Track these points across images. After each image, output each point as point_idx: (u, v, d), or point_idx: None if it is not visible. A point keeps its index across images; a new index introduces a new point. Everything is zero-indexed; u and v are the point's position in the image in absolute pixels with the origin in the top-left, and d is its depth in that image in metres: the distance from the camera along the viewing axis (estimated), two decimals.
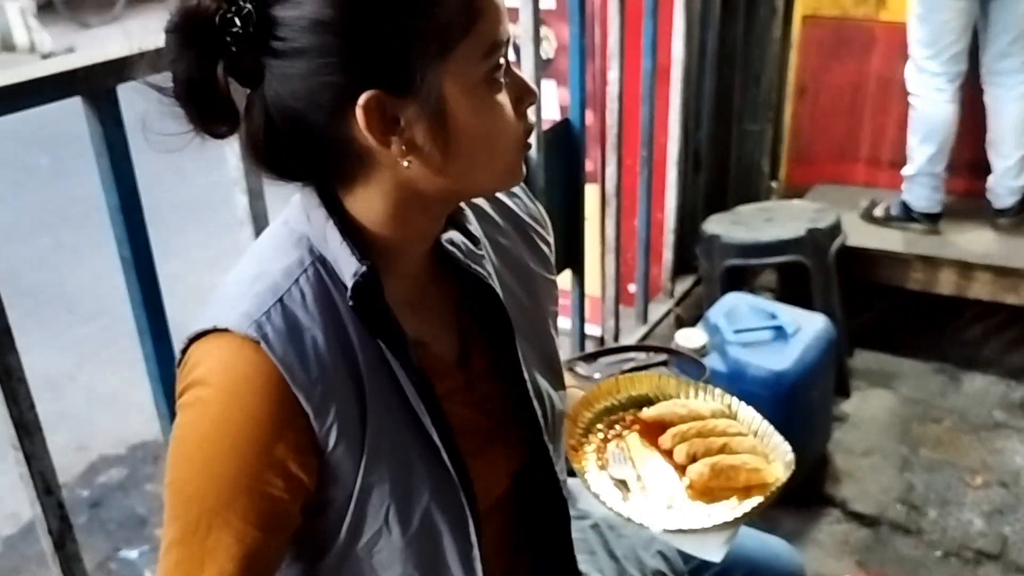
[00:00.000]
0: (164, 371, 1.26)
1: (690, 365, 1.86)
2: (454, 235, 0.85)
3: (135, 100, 0.75)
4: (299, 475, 0.76)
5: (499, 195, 0.96)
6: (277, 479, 0.75)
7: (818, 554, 2.16)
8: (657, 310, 2.75)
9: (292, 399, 0.74)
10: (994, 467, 2.42)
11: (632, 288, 2.70)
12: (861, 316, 2.97)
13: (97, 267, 3.11)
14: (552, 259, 1.01)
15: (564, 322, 2.24)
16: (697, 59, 2.70)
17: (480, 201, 0.94)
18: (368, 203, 0.78)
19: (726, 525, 0.85)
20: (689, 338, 2.13)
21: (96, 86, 1.10)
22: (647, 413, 0.96)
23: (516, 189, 0.98)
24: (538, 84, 1.88)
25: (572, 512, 1.10)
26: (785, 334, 2.22)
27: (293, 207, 0.83)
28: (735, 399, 1.00)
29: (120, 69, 1.11)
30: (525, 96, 0.78)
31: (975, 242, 2.85)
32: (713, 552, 0.86)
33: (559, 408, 0.96)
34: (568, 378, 1.11)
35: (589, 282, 2.37)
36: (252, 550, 0.75)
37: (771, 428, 0.96)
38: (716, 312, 2.35)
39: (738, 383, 2.17)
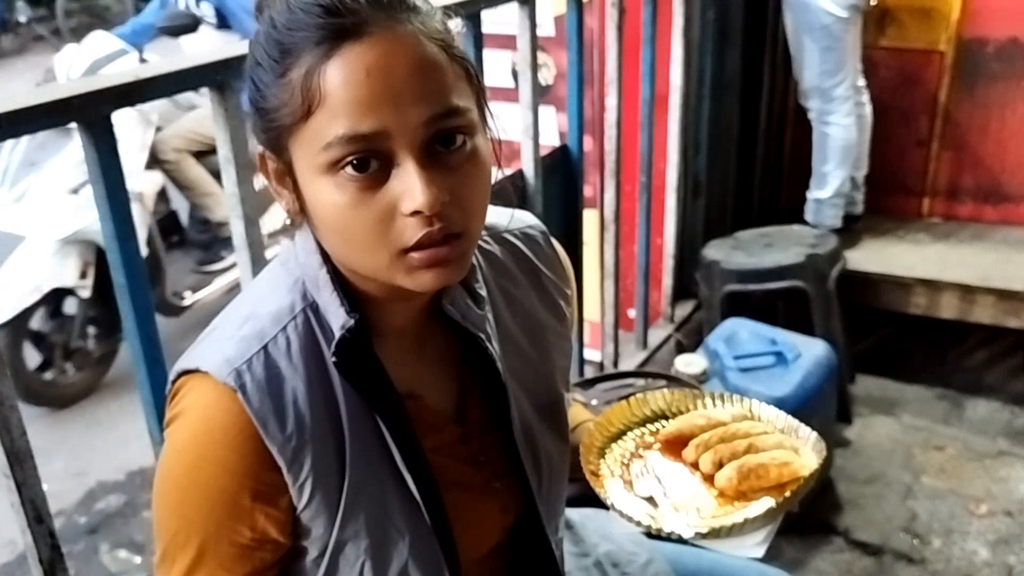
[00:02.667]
0: (158, 398, 1.25)
1: None
2: (458, 296, 0.83)
3: None
4: (268, 527, 0.77)
5: (516, 242, 0.93)
6: (245, 529, 0.76)
7: None
8: (657, 335, 2.74)
9: (264, 452, 0.74)
10: (999, 496, 2.39)
11: (632, 313, 2.69)
12: (863, 341, 2.96)
13: None
14: (569, 313, 0.97)
15: None
16: (696, 86, 2.72)
17: (496, 249, 0.91)
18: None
19: (757, 520, 0.83)
20: (688, 364, 2.13)
21: (91, 113, 1.10)
22: (665, 430, 0.94)
23: (537, 236, 0.94)
24: (536, 110, 1.89)
25: (574, 550, 1.08)
26: (785, 360, 2.21)
27: (296, 246, 0.81)
28: (754, 400, 0.97)
29: (115, 96, 1.12)
30: (403, 202, 0.69)
31: (977, 265, 2.85)
32: (752, 550, 0.85)
33: (558, 464, 0.94)
34: (585, 412, 1.08)
35: (589, 307, 2.36)
36: None
37: (796, 422, 0.94)
38: (716, 338, 2.34)
39: None
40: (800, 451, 0.90)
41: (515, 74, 1.88)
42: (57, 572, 1.17)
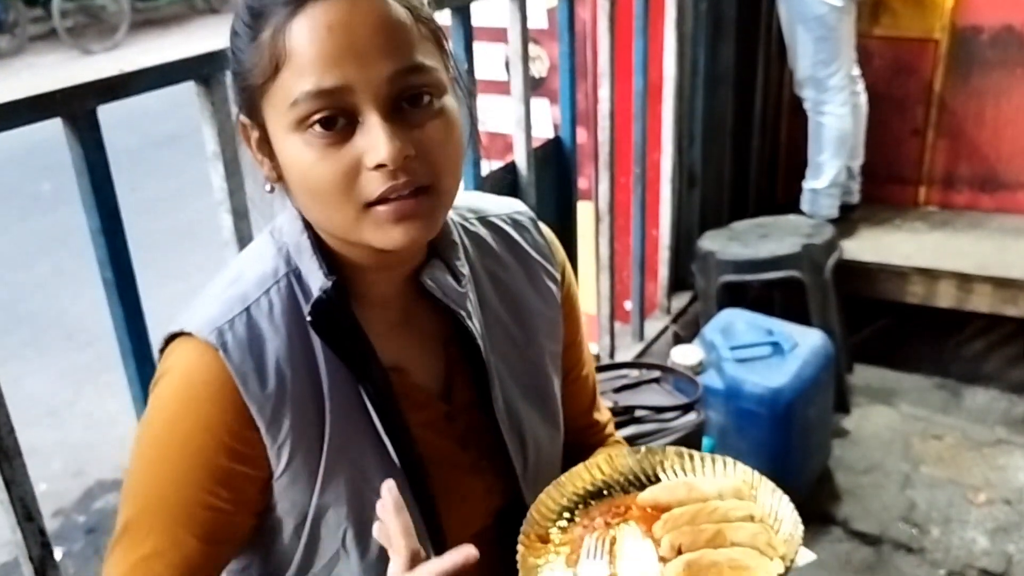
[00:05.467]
0: (147, 394, 1.25)
1: (684, 382, 1.84)
2: (437, 270, 0.83)
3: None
4: (246, 487, 0.76)
5: (505, 228, 0.93)
6: (222, 489, 0.76)
7: (819, 574, 2.13)
8: (653, 327, 2.73)
9: (244, 410, 0.74)
10: (997, 484, 2.39)
11: (628, 305, 2.68)
12: (861, 331, 2.95)
13: (96, 293, 3.10)
14: (559, 296, 0.96)
15: None
16: (690, 77, 2.71)
17: (483, 231, 0.91)
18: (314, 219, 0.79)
19: None
20: (685, 355, 2.12)
21: (76, 108, 1.10)
22: (643, 495, 0.82)
23: (526, 222, 0.95)
24: (527, 102, 1.88)
25: None
26: (782, 350, 2.21)
27: (282, 216, 0.83)
28: (756, 472, 0.83)
29: (99, 91, 1.12)
30: (367, 155, 0.70)
31: (974, 253, 2.84)
32: None
33: (547, 449, 0.94)
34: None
35: (584, 300, 2.34)
36: (189, 559, 0.76)
37: (788, 510, 0.79)
38: (712, 328, 2.33)
39: (735, 400, 2.15)
40: (775, 550, 0.77)
41: (508, 66, 1.88)
42: (48, 570, 1.16)
